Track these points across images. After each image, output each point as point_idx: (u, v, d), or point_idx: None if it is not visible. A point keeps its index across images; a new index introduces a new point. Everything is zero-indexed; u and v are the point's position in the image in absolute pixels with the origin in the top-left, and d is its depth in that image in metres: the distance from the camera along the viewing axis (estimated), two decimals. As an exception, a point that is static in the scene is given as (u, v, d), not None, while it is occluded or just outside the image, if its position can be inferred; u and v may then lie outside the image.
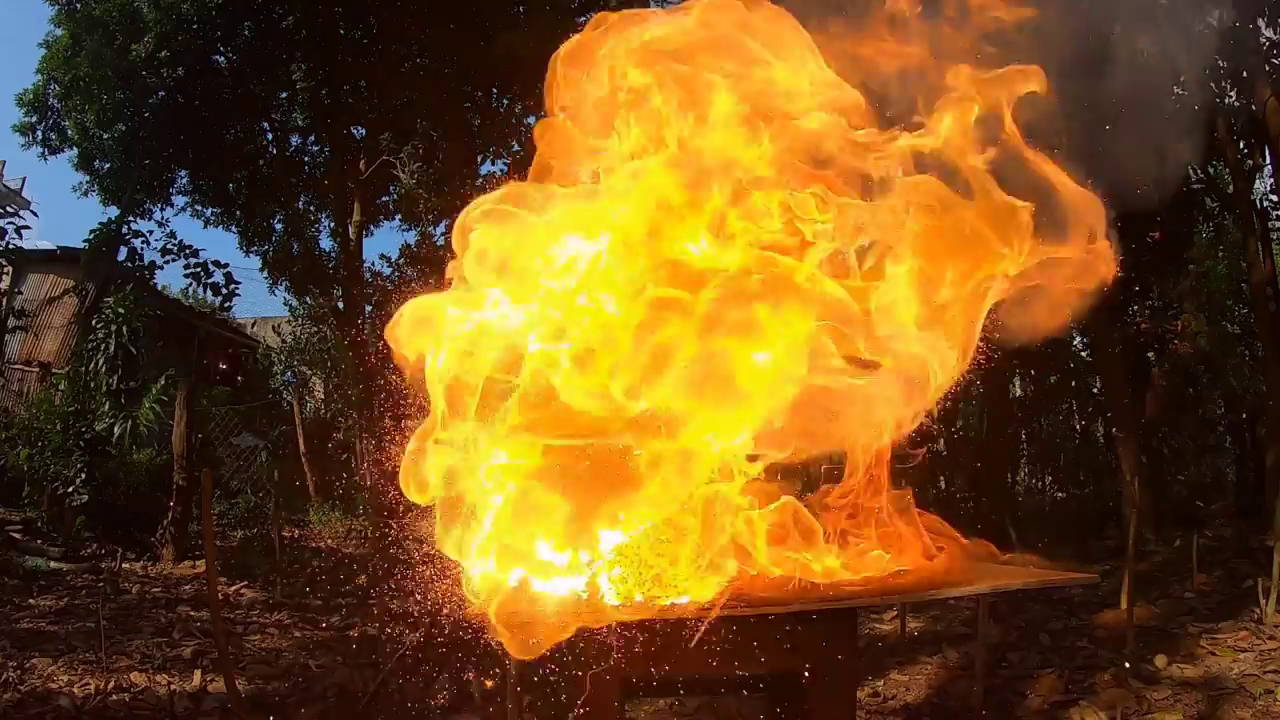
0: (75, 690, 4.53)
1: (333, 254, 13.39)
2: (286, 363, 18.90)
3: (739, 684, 2.41)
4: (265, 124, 13.11)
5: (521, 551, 2.29)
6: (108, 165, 12.10)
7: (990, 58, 2.53)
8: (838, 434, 2.52)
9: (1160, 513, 9.66)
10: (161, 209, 13.23)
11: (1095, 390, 13.39)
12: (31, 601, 6.28)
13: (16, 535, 8.20)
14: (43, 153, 12.21)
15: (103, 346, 10.84)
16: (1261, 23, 8.54)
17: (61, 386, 10.81)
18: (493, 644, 2.09)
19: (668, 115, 2.47)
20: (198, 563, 7.81)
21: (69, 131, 11.89)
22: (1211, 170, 11.15)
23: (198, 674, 4.96)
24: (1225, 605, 6.30)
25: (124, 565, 7.47)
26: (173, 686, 4.77)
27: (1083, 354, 13.17)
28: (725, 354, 2.26)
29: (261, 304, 20.13)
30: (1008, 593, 6.29)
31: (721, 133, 2.46)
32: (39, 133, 12.10)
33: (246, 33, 11.68)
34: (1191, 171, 10.97)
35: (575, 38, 2.63)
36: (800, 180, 2.43)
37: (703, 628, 2.13)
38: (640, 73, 2.48)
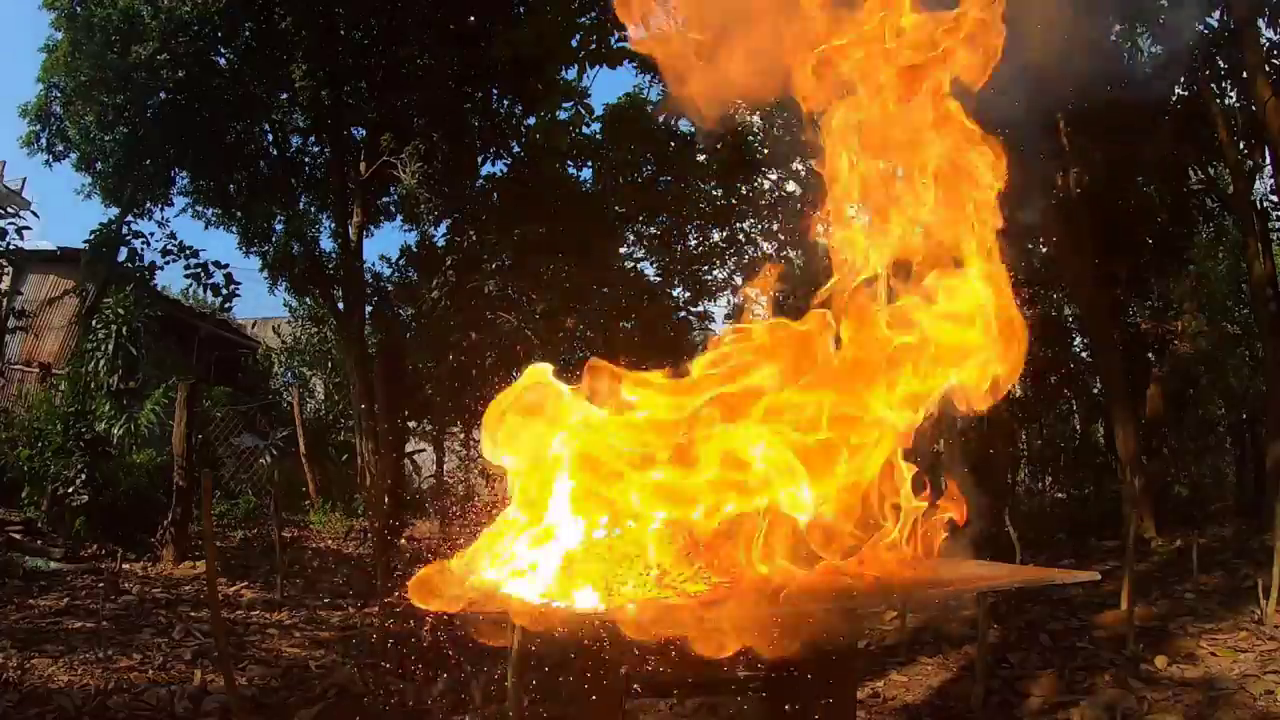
0: (75, 690, 4.53)
1: (333, 254, 13.37)
2: (286, 363, 18.94)
3: (739, 684, 2.41)
4: (265, 125, 13.10)
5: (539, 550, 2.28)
6: (109, 166, 12.12)
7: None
8: None
9: (1160, 513, 9.66)
10: (162, 210, 13.29)
11: (1095, 390, 13.40)
12: (32, 601, 6.27)
13: (17, 535, 8.20)
14: (48, 160, 12.26)
15: (103, 347, 10.86)
16: (1261, 23, 8.56)
17: (61, 386, 10.83)
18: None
19: None
20: (198, 563, 7.81)
21: (72, 136, 11.91)
22: (1211, 170, 11.15)
23: (198, 674, 4.96)
24: (1225, 605, 6.30)
25: (124, 565, 7.46)
26: (173, 686, 4.76)
27: (1083, 354, 13.18)
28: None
29: (261, 304, 20.17)
30: (1008, 593, 6.32)
31: None
32: (43, 140, 12.13)
33: (246, 34, 11.69)
34: (1191, 171, 10.99)
35: None
36: None
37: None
38: None
